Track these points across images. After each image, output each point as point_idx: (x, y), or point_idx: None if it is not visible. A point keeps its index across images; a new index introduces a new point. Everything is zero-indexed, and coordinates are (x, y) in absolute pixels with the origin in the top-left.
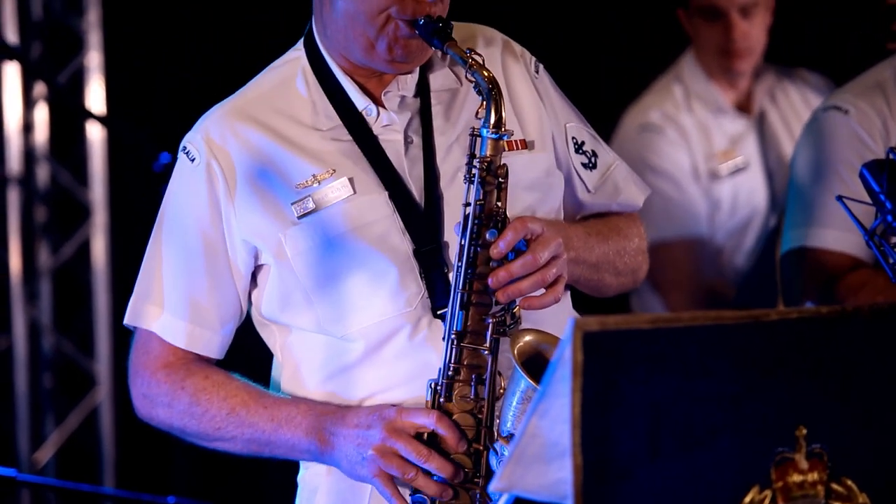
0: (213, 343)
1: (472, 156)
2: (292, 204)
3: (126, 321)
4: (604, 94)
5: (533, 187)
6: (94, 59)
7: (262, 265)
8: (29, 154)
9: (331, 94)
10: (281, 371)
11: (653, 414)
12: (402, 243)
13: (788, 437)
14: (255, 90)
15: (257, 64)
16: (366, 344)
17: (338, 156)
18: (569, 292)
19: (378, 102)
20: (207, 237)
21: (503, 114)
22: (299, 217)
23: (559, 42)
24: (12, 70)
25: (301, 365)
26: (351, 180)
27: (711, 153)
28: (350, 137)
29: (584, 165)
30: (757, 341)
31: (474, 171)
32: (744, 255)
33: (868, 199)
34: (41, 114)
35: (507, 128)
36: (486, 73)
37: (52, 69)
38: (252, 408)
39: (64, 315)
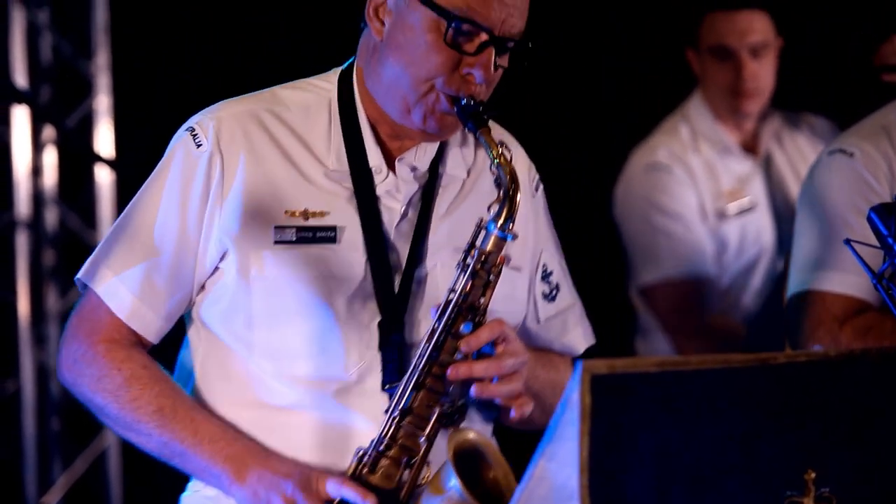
0: (153, 326)
1: (471, 245)
2: (275, 227)
3: (79, 275)
4: (612, 133)
5: (502, 304)
6: (102, 103)
7: (219, 268)
8: (38, 197)
9: (349, 139)
10: (194, 374)
11: (661, 457)
12: (363, 310)
13: (797, 480)
14: (277, 101)
15: None
16: (295, 395)
17: (335, 200)
18: None
19: (390, 164)
20: (185, 224)
21: (515, 215)
22: (275, 242)
23: (568, 81)
24: (21, 113)
25: (219, 380)
26: (339, 229)
27: (719, 193)
28: (352, 187)
29: (543, 295)
30: (765, 384)
31: (470, 261)
32: (751, 295)
33: (876, 242)
34: (50, 157)
35: (513, 231)
36: (510, 172)
37: (60, 113)
38: (180, 415)
39: None
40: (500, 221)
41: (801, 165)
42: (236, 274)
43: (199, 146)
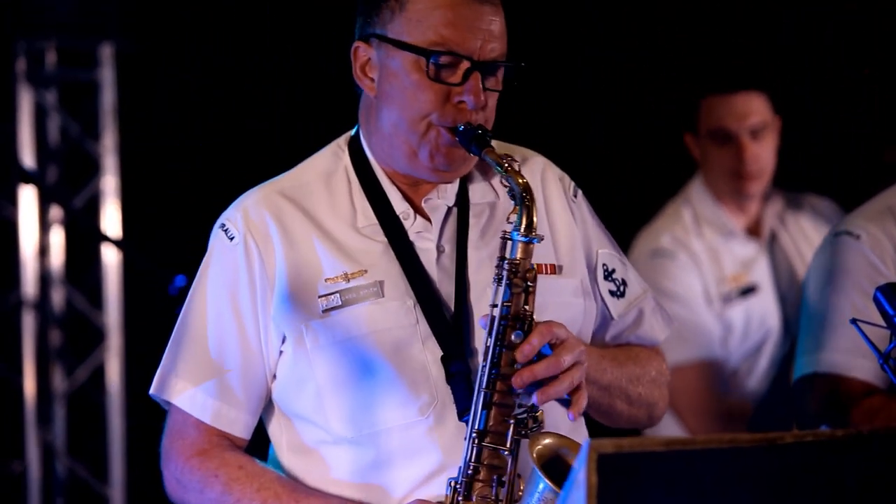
0: (239, 422)
1: (501, 258)
2: (319, 297)
3: (152, 391)
4: (615, 218)
5: (560, 311)
6: (109, 183)
7: (282, 351)
8: (44, 277)
9: (371, 194)
10: (283, 458)
11: None
12: (422, 353)
13: None
14: (295, 177)
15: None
16: (377, 447)
17: (371, 256)
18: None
19: (416, 209)
20: (240, 316)
21: (534, 218)
22: (324, 311)
23: (569, 165)
24: (28, 194)
25: (306, 456)
26: (381, 283)
27: (723, 277)
28: (385, 239)
29: (611, 293)
30: (773, 464)
31: (503, 272)
32: (757, 377)
33: (882, 323)
34: (57, 237)
35: (537, 232)
36: (520, 180)
37: (67, 193)
38: (284, 501)
39: (78, 439)
40: (523, 228)
41: (805, 246)
42: (294, 351)
43: (231, 239)
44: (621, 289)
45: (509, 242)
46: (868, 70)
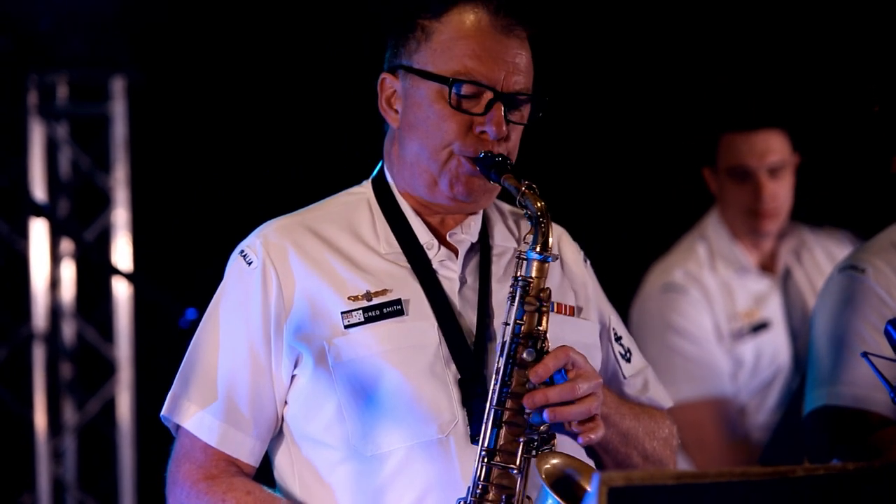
0: (246, 446)
1: (515, 277)
2: (342, 313)
3: (162, 413)
4: (628, 252)
5: (577, 349)
6: (120, 217)
7: (295, 375)
8: (55, 310)
9: (395, 224)
10: (293, 484)
11: None
12: (444, 372)
13: None
14: (317, 210)
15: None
16: (394, 464)
17: (394, 278)
18: None
19: (441, 240)
20: (254, 343)
21: (550, 238)
22: (346, 327)
23: (584, 204)
24: (40, 227)
25: (320, 481)
26: (405, 302)
27: (734, 313)
28: (408, 264)
29: (621, 355)
30: (784, 498)
31: (517, 290)
32: (767, 413)
33: (893, 355)
34: (68, 271)
35: (552, 252)
36: (538, 203)
37: (78, 226)
38: None
39: (88, 472)
40: (538, 247)
41: (819, 282)
42: (314, 369)
43: (250, 264)
44: (628, 355)
45: (524, 261)
46: (878, 108)
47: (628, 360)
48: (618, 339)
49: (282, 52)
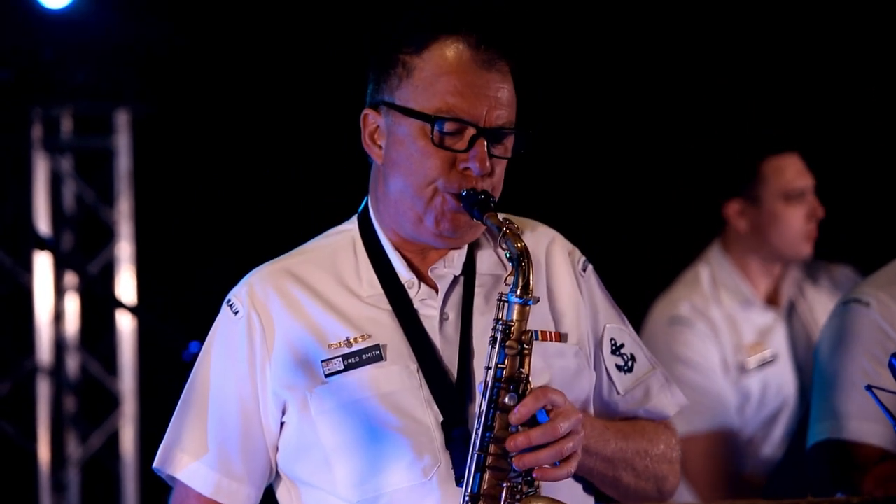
0: (241, 494)
1: (497, 320)
2: (322, 362)
3: (155, 465)
4: (633, 285)
5: (562, 378)
6: (124, 250)
7: (284, 422)
8: (59, 344)
9: (377, 263)
10: None
11: None
12: (426, 415)
13: None
14: (304, 254)
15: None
16: None
17: (374, 323)
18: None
19: (422, 277)
20: (242, 392)
21: (531, 280)
22: (327, 376)
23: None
24: (43, 260)
25: None
26: (383, 347)
27: (740, 346)
28: (389, 307)
29: (618, 367)
30: None
31: (498, 334)
32: (773, 446)
33: None
34: (72, 304)
35: (534, 295)
36: (518, 243)
37: (83, 259)
38: None
39: None
40: (518, 290)
41: (822, 315)
42: (298, 416)
43: (236, 313)
44: (629, 364)
45: (505, 304)
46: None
47: (629, 370)
48: (616, 350)
49: (285, 86)
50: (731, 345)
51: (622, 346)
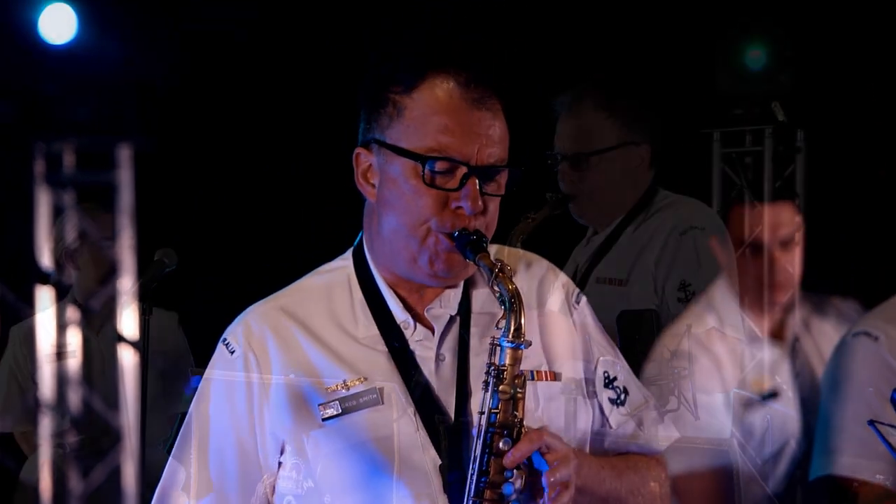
0: None
1: (490, 364)
2: (319, 405)
3: None
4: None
5: (557, 419)
6: (126, 284)
7: (282, 462)
8: (61, 378)
9: (372, 304)
10: None
11: None
12: (423, 459)
13: None
14: (299, 291)
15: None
16: None
17: (371, 365)
18: None
19: (418, 317)
20: (240, 432)
21: (523, 324)
22: (324, 420)
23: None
24: (45, 295)
25: None
26: (380, 390)
27: (744, 382)
28: (385, 349)
29: (611, 401)
30: None
31: (491, 379)
32: (776, 482)
33: None
34: (73, 338)
35: (526, 338)
36: (510, 286)
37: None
38: None
39: None
40: (510, 334)
41: (827, 351)
42: (296, 461)
43: (232, 353)
44: (622, 397)
45: (497, 348)
46: (884, 171)
47: (621, 404)
48: (609, 383)
49: (286, 120)
50: (735, 380)
51: (615, 378)
